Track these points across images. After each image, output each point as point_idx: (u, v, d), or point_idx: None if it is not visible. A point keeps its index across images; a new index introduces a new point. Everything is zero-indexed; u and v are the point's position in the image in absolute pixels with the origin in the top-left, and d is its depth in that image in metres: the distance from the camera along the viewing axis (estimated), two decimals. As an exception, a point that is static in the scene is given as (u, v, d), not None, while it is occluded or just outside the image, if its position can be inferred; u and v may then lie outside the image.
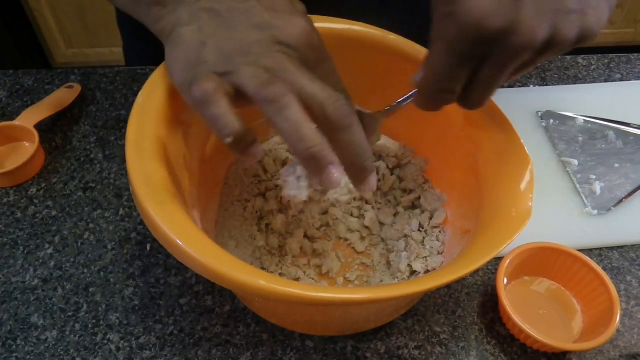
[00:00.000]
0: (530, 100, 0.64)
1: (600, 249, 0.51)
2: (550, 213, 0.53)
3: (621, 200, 0.54)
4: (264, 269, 0.46)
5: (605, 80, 0.68)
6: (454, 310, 0.46)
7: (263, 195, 0.50)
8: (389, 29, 0.47)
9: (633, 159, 0.58)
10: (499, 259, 0.45)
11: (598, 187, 0.55)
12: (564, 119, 0.62)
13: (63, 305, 0.46)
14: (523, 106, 0.64)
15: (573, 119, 0.62)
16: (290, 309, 0.41)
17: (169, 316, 0.45)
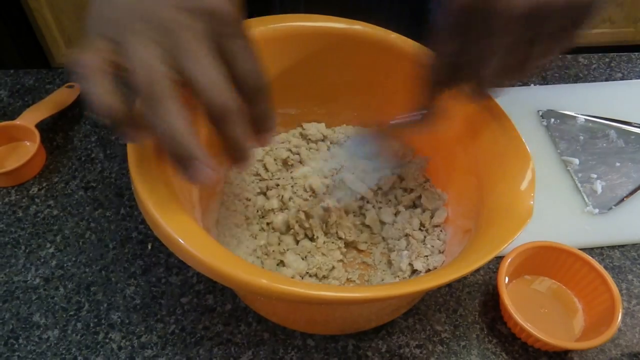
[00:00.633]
0: (531, 99, 0.64)
1: (602, 248, 0.51)
2: (552, 212, 0.53)
3: (622, 199, 0.54)
4: (265, 267, 0.46)
5: (606, 79, 0.68)
6: (455, 309, 0.46)
7: (264, 193, 0.51)
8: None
9: (634, 158, 0.58)
10: (500, 258, 0.45)
11: (599, 186, 0.55)
12: (565, 118, 0.62)
13: (64, 304, 0.46)
14: (524, 105, 0.64)
15: (574, 117, 0.62)
16: (292, 308, 0.41)
17: (170, 315, 0.45)
